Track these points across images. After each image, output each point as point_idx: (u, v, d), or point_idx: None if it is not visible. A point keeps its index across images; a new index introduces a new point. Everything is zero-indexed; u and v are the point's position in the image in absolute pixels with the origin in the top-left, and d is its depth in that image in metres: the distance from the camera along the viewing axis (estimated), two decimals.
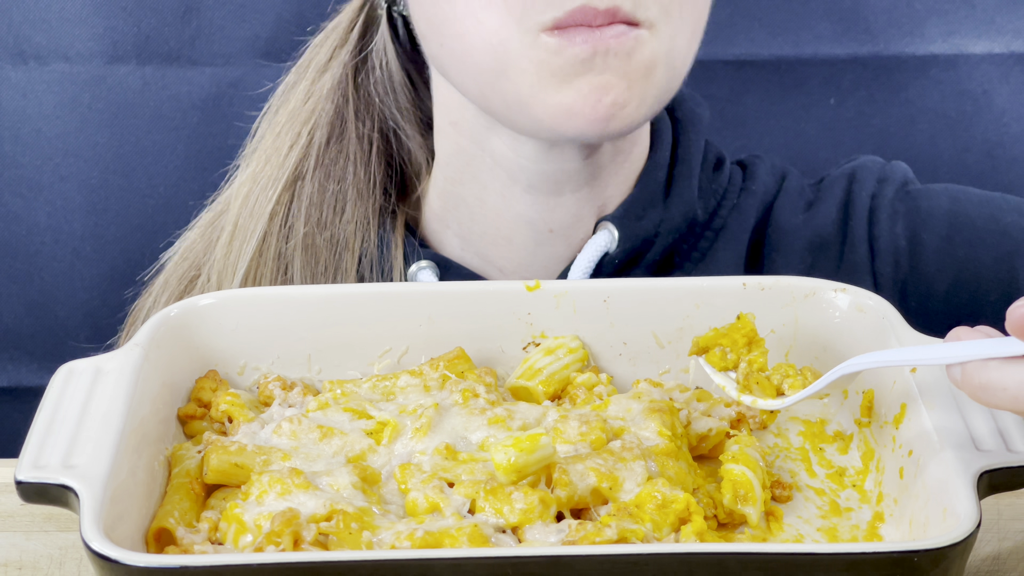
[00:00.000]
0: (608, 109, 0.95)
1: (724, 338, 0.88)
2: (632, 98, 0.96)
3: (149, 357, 0.85)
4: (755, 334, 0.88)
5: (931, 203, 1.10)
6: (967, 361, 0.72)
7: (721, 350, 0.88)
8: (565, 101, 0.95)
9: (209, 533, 0.77)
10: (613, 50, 0.94)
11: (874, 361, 0.81)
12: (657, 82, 0.97)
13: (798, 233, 1.10)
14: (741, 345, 0.88)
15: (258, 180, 1.10)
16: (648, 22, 0.95)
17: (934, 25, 1.38)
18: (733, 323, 0.88)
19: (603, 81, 0.95)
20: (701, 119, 1.12)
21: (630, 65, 0.95)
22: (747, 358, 0.88)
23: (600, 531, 0.74)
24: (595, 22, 0.93)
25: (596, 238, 1.06)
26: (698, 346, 0.89)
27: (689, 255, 1.09)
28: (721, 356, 0.88)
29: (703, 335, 0.89)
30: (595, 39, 0.94)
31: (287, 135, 1.10)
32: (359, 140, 1.10)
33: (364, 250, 1.08)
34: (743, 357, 0.88)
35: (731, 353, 0.88)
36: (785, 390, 0.87)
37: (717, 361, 0.88)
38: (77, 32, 1.37)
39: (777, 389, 0.87)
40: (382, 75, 1.11)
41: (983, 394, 0.71)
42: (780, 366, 0.88)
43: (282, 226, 1.08)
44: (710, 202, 1.11)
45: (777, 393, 0.87)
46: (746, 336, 0.88)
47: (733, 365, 0.88)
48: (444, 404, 0.85)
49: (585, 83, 0.95)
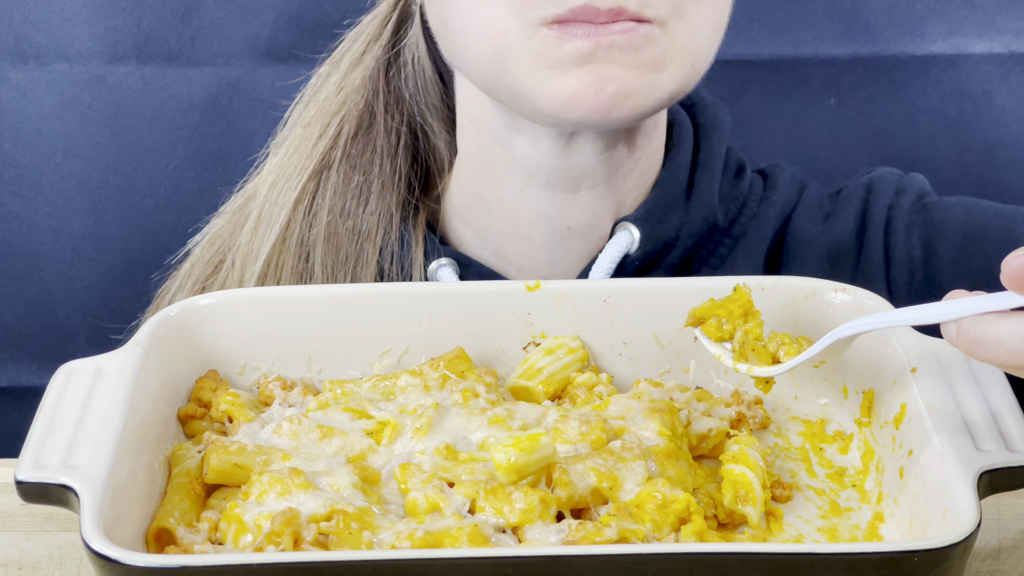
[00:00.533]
0: (610, 99, 0.94)
1: (720, 309, 0.87)
2: (639, 88, 0.95)
3: (149, 357, 0.85)
4: (751, 305, 0.87)
5: (946, 215, 1.10)
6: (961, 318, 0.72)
7: (717, 320, 0.87)
8: (565, 89, 0.95)
9: (209, 533, 0.77)
10: (618, 45, 0.94)
11: (869, 324, 0.80)
12: (672, 76, 0.97)
13: (816, 243, 1.10)
14: (737, 316, 0.87)
15: (285, 168, 1.11)
16: (658, 19, 0.95)
17: (934, 25, 1.38)
18: (729, 295, 0.87)
19: (606, 71, 0.94)
20: (724, 125, 1.12)
21: (637, 59, 0.95)
22: (743, 328, 0.87)
23: (600, 531, 0.74)
24: (597, 20, 0.93)
25: (617, 238, 1.06)
26: (694, 317, 0.88)
27: (708, 260, 1.09)
28: (717, 327, 0.87)
29: (699, 307, 0.88)
30: (597, 34, 0.93)
31: (316, 125, 1.11)
32: (387, 134, 1.10)
33: (385, 242, 1.08)
34: (739, 327, 0.87)
35: (727, 324, 0.87)
36: (781, 358, 0.86)
37: (713, 332, 0.87)
38: (77, 32, 1.37)
39: (773, 357, 0.86)
40: (413, 71, 1.12)
41: (978, 349, 0.71)
42: (775, 335, 0.87)
43: (306, 214, 1.09)
44: (731, 208, 1.11)
45: (773, 361, 0.86)
46: (742, 307, 0.87)
47: (729, 336, 0.88)
48: (444, 404, 0.85)
49: (586, 72, 0.94)
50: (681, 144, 1.10)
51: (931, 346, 0.85)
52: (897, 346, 0.85)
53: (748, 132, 1.41)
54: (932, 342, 0.85)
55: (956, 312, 0.72)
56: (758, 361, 0.86)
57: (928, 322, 0.75)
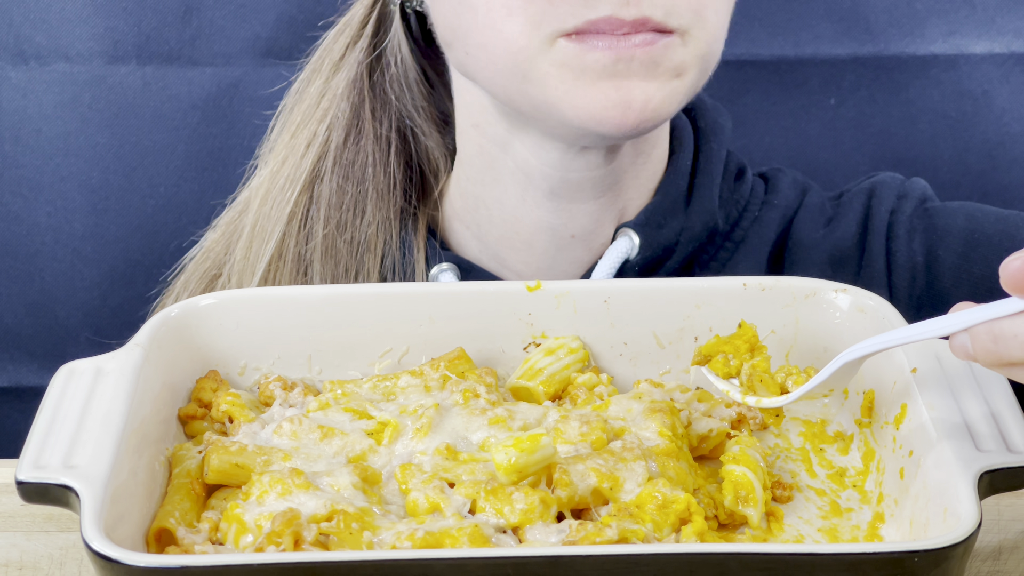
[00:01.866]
0: (638, 115, 0.94)
1: (726, 345, 0.88)
2: (663, 98, 0.95)
3: (150, 357, 0.85)
4: (757, 340, 0.88)
5: (948, 220, 1.10)
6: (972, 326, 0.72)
7: (724, 357, 0.88)
8: (593, 105, 0.94)
9: (210, 533, 0.77)
10: (638, 58, 0.93)
11: (876, 344, 0.80)
12: (687, 82, 0.96)
13: (818, 247, 1.10)
14: (743, 352, 0.88)
15: (276, 180, 1.10)
16: (681, 29, 0.94)
17: (934, 25, 1.38)
18: (735, 332, 0.88)
19: (630, 85, 0.93)
20: (724, 129, 1.12)
21: (657, 71, 0.94)
22: (750, 363, 0.88)
23: (600, 531, 0.74)
24: (620, 31, 0.93)
25: (617, 244, 1.06)
26: (701, 355, 0.89)
27: (709, 265, 1.09)
28: (724, 363, 0.88)
29: (705, 344, 0.89)
30: (619, 47, 0.92)
31: (303, 134, 1.10)
32: (376, 140, 1.09)
33: (386, 251, 1.08)
34: (745, 363, 0.88)
35: (733, 360, 0.88)
36: (789, 387, 0.87)
37: (720, 368, 0.88)
38: (77, 32, 1.37)
39: (781, 388, 0.87)
40: (397, 73, 1.11)
41: (995, 346, 0.71)
42: (783, 367, 0.88)
43: (301, 228, 1.08)
44: (731, 213, 1.11)
45: (781, 391, 0.87)
46: (748, 343, 0.88)
47: (736, 372, 0.88)
48: (445, 404, 0.85)
49: (612, 88, 0.93)
50: (682, 149, 1.09)
51: (932, 347, 0.85)
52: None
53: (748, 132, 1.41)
54: (933, 343, 0.85)
55: (962, 323, 0.72)
56: (767, 393, 0.86)
57: (934, 336, 0.75)
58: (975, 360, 0.73)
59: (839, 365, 0.81)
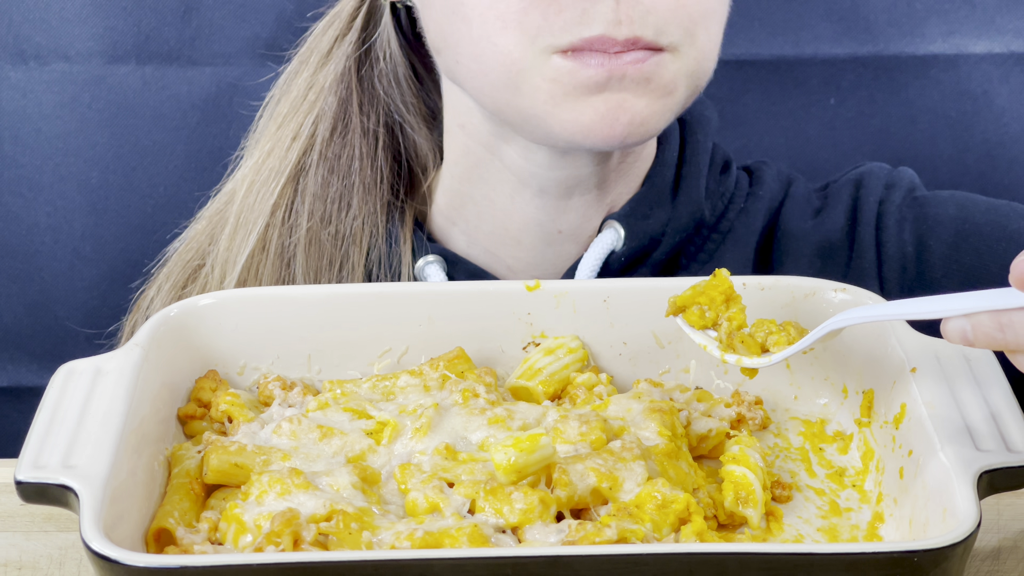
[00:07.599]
0: (625, 128, 0.95)
1: (701, 296, 0.87)
2: (652, 114, 0.96)
3: (149, 357, 0.85)
4: (732, 291, 0.87)
5: (938, 210, 1.10)
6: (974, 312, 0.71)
7: (699, 308, 0.87)
8: (581, 119, 0.95)
9: (209, 533, 0.77)
10: (630, 76, 0.94)
11: (862, 316, 0.80)
12: (677, 99, 0.98)
13: (807, 239, 1.10)
14: (719, 303, 0.87)
15: (260, 172, 1.10)
16: (672, 47, 0.95)
17: (934, 25, 1.38)
18: (709, 280, 0.87)
19: (620, 99, 0.95)
20: (709, 121, 1.12)
21: (649, 87, 0.95)
22: (726, 315, 0.87)
23: (600, 531, 0.74)
24: (612, 50, 0.93)
25: (602, 236, 1.06)
26: (675, 306, 0.87)
27: (695, 256, 1.09)
28: (699, 315, 0.87)
29: (680, 294, 0.88)
30: (611, 64, 0.94)
31: (289, 126, 1.10)
32: (364, 135, 1.09)
33: (372, 245, 1.08)
34: (721, 315, 0.87)
35: (709, 311, 0.87)
36: (769, 347, 0.86)
37: (696, 320, 0.87)
38: (77, 32, 1.37)
39: (762, 346, 0.86)
40: (386, 67, 1.11)
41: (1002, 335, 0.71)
42: (761, 322, 0.86)
43: (285, 220, 1.08)
44: (717, 204, 1.11)
45: (762, 350, 0.86)
46: (723, 293, 0.86)
47: (712, 323, 0.87)
48: (444, 404, 0.85)
49: (601, 101, 0.95)
50: (668, 141, 1.10)
51: (931, 346, 0.85)
52: (897, 346, 0.85)
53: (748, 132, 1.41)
54: (932, 342, 0.85)
55: (952, 308, 0.72)
56: (746, 351, 0.85)
57: (924, 317, 0.75)
58: (971, 345, 0.72)
59: (823, 332, 0.81)
